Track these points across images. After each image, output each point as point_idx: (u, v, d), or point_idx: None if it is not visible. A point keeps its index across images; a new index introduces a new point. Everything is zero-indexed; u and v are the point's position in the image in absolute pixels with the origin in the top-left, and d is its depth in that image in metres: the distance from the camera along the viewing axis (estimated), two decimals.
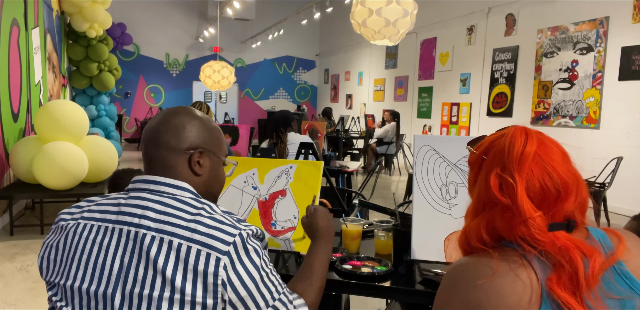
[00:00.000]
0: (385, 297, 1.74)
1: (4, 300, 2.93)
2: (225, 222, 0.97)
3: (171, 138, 1.04)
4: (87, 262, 0.96)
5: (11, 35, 4.91)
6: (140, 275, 0.92)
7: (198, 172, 1.05)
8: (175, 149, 1.04)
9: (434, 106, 9.44)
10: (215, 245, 0.92)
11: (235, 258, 0.93)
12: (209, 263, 0.91)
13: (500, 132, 0.90)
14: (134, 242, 0.94)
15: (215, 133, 1.11)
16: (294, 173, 1.60)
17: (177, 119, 1.06)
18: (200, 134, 1.07)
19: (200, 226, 0.94)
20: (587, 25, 6.16)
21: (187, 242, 0.92)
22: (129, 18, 12.25)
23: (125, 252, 0.94)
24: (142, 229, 0.95)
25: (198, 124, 1.08)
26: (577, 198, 0.83)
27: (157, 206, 0.98)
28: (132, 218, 0.96)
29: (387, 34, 4.27)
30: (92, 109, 7.81)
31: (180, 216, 0.96)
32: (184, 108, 1.10)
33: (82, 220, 1.01)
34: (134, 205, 0.98)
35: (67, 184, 4.32)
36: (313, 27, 14.24)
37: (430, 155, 1.45)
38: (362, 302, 2.84)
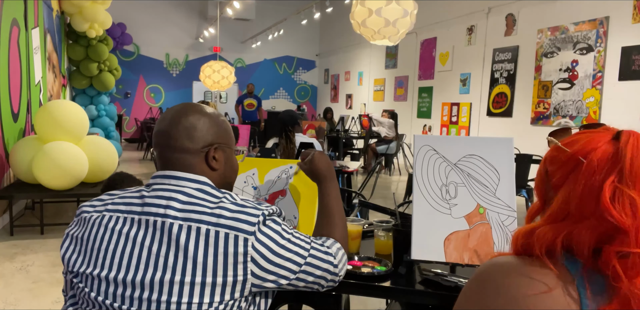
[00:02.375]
0: (385, 297, 1.74)
1: (4, 300, 2.93)
2: (247, 205, 1.02)
3: (185, 141, 1.07)
4: (114, 252, 0.99)
5: (11, 35, 4.91)
6: (170, 262, 0.95)
7: (215, 167, 1.10)
8: (191, 150, 1.08)
9: (434, 106, 9.44)
10: (241, 227, 0.98)
11: (261, 236, 0.99)
12: (238, 244, 0.96)
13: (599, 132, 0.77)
14: (162, 231, 0.98)
15: (224, 125, 1.15)
16: (294, 173, 1.60)
17: (186, 120, 1.08)
18: (211, 130, 1.10)
19: (224, 211, 0.99)
20: (587, 25, 6.16)
21: (215, 227, 0.97)
22: (129, 18, 12.25)
23: (154, 241, 0.98)
24: (169, 219, 0.98)
25: (207, 120, 1.11)
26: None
27: (180, 196, 1.02)
28: (157, 209, 1.00)
29: (387, 34, 4.27)
30: (92, 109, 7.81)
31: (204, 204, 1.00)
32: (189, 105, 1.12)
33: (106, 213, 1.04)
34: (158, 197, 1.02)
35: (67, 184, 4.32)
36: (313, 27, 14.24)
37: (430, 155, 1.45)
38: (362, 302, 2.84)
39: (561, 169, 0.76)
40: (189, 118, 1.08)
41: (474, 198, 1.40)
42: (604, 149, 0.72)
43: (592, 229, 0.69)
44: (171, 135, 1.07)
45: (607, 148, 0.72)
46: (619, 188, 0.69)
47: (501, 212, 1.38)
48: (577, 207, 0.71)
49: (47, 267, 3.50)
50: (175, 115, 1.09)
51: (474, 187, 1.41)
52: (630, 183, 0.69)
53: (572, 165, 0.75)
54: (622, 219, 0.67)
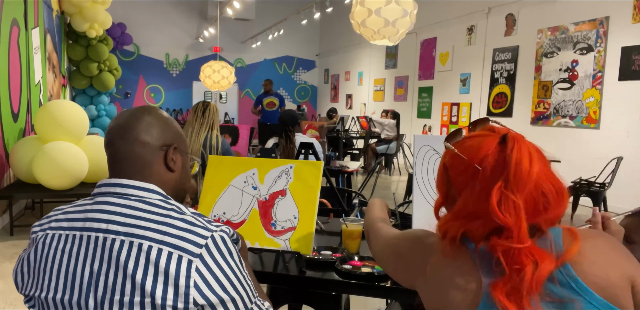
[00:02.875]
0: (385, 297, 1.74)
1: (4, 300, 2.93)
2: (197, 223, 0.95)
3: (146, 135, 1.04)
4: (58, 272, 0.96)
5: (11, 35, 4.91)
6: (110, 281, 0.91)
7: (173, 168, 1.06)
8: (151, 145, 1.04)
9: (434, 106, 9.45)
10: (187, 247, 0.91)
11: (209, 260, 0.91)
12: (181, 265, 0.90)
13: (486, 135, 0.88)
14: (103, 248, 0.93)
15: (181, 131, 1.13)
16: (294, 173, 1.60)
17: (147, 117, 1.06)
18: (171, 131, 1.09)
19: (171, 228, 0.93)
20: (587, 25, 6.16)
21: (158, 245, 0.91)
22: (129, 18, 12.25)
23: (95, 259, 0.93)
24: (111, 234, 0.93)
25: (167, 122, 1.09)
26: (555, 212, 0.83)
27: (124, 210, 0.96)
28: (99, 224, 0.95)
29: (387, 34, 4.27)
30: (92, 109, 7.82)
31: (150, 219, 0.94)
32: (148, 106, 1.11)
33: (49, 231, 0.99)
34: (101, 211, 0.97)
35: (67, 184, 4.32)
36: (313, 27, 14.24)
37: (430, 155, 1.45)
38: (362, 302, 2.83)
39: (462, 176, 0.88)
40: (150, 115, 1.07)
41: None
42: (494, 157, 0.83)
43: (485, 226, 0.82)
44: (132, 127, 1.03)
45: (496, 155, 0.83)
46: (504, 193, 0.80)
47: None
48: (474, 208, 0.84)
49: None
50: (136, 111, 1.07)
51: None
52: (514, 187, 0.80)
53: (470, 173, 0.86)
54: (506, 219, 0.79)
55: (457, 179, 0.89)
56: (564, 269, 0.79)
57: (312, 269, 1.45)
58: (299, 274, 1.43)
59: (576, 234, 0.84)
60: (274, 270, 1.46)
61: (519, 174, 0.80)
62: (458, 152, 0.89)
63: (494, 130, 0.90)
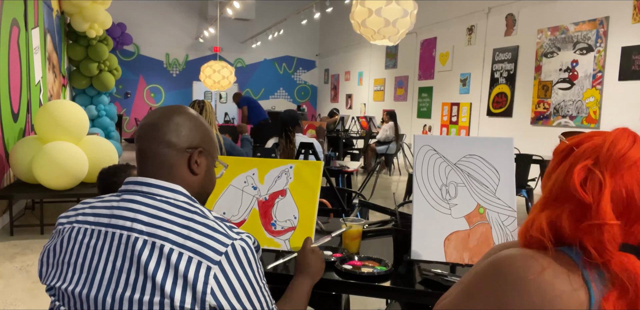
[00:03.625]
0: (385, 297, 1.74)
1: (4, 300, 2.93)
2: (219, 230, 0.96)
3: (173, 135, 1.03)
4: (82, 266, 0.97)
5: (11, 35, 4.91)
6: (131, 279, 0.92)
7: (196, 171, 1.06)
8: (177, 147, 1.04)
9: (434, 106, 9.44)
10: (207, 253, 0.92)
11: (227, 268, 0.92)
12: (200, 271, 0.90)
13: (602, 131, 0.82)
14: (126, 245, 0.94)
15: (211, 134, 1.12)
16: (294, 173, 1.60)
17: (178, 117, 1.05)
18: (199, 133, 1.07)
19: (192, 233, 0.94)
20: (587, 25, 6.16)
21: (179, 248, 0.92)
22: (129, 18, 12.25)
23: (118, 256, 0.94)
24: (135, 233, 0.94)
25: (197, 123, 1.08)
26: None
27: (149, 210, 0.97)
28: (124, 221, 0.96)
29: (387, 34, 4.27)
30: (92, 109, 7.82)
31: (173, 221, 0.95)
32: (181, 107, 1.10)
33: (76, 224, 1.01)
34: (126, 208, 0.98)
35: (67, 184, 4.32)
36: (313, 27, 14.24)
37: (430, 155, 1.45)
38: (362, 302, 2.83)
39: (556, 157, 0.82)
40: (181, 116, 1.06)
41: (474, 198, 1.40)
42: (595, 140, 0.78)
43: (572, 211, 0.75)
44: (159, 128, 1.03)
45: (597, 139, 0.78)
46: (591, 170, 0.74)
47: (501, 212, 1.38)
48: (561, 188, 0.77)
49: None
50: (168, 111, 1.07)
51: (474, 187, 1.41)
52: (603, 166, 0.74)
53: (565, 154, 0.80)
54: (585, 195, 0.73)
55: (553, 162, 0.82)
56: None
57: None
58: None
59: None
60: (274, 270, 1.46)
61: (611, 152, 0.74)
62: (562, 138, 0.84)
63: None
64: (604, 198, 0.72)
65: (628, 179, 0.73)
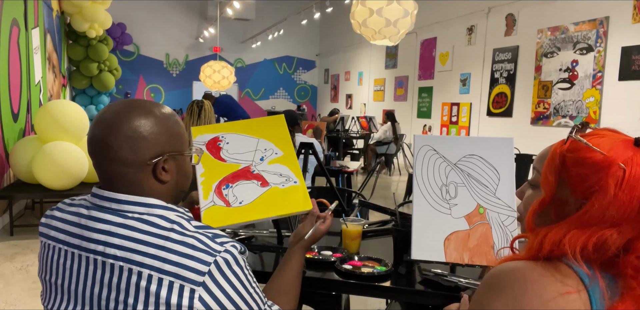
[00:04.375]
0: (385, 297, 1.74)
1: (4, 300, 2.93)
2: (198, 247, 0.87)
3: (127, 153, 0.90)
4: (62, 288, 0.94)
5: (11, 35, 4.91)
6: (111, 307, 0.87)
7: (165, 180, 0.95)
8: (136, 164, 0.91)
9: (434, 106, 9.44)
10: (188, 276, 0.84)
11: (212, 287, 0.85)
12: (183, 295, 0.83)
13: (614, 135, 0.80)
14: (102, 271, 0.88)
15: (175, 127, 0.97)
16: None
17: (128, 127, 0.90)
18: (161, 137, 0.93)
19: (171, 254, 0.85)
20: (587, 25, 6.16)
21: (158, 274, 0.84)
22: (129, 18, 12.25)
23: (95, 282, 0.88)
24: (109, 259, 0.87)
25: (154, 125, 0.93)
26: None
27: (121, 231, 0.88)
28: (96, 245, 0.88)
29: (387, 34, 4.27)
30: (92, 109, 7.82)
31: (149, 242, 0.87)
32: (131, 106, 0.93)
33: (50, 242, 0.96)
34: (97, 230, 0.89)
35: (67, 184, 4.32)
36: (313, 27, 14.24)
37: (430, 155, 1.45)
38: (362, 302, 2.83)
39: (595, 175, 0.75)
40: (132, 124, 0.90)
41: (474, 198, 1.40)
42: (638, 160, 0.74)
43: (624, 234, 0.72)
44: (110, 145, 0.89)
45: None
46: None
47: (501, 212, 1.38)
48: (617, 213, 0.72)
49: None
50: (115, 119, 0.90)
51: (474, 187, 1.41)
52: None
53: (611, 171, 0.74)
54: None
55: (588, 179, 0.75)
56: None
57: (312, 269, 1.45)
58: None
59: None
60: (274, 270, 1.46)
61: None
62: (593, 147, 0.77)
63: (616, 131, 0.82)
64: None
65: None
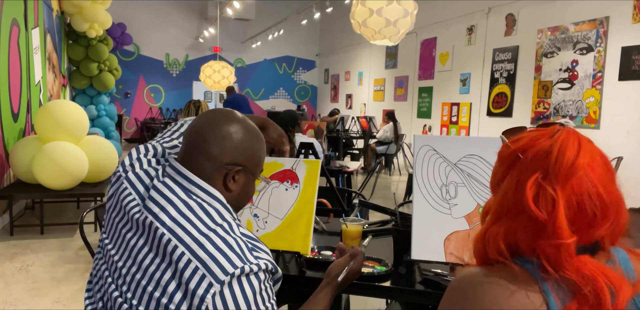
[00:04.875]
0: (385, 297, 1.74)
1: (4, 300, 2.93)
2: (235, 249, 0.91)
3: (215, 148, 1.00)
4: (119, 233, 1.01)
5: (11, 35, 4.91)
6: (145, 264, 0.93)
7: (231, 188, 1.02)
8: (216, 161, 1.00)
9: (434, 106, 9.44)
10: (213, 269, 0.87)
11: (227, 290, 0.87)
12: (201, 285, 0.86)
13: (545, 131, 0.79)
14: (149, 230, 0.95)
15: (259, 149, 1.06)
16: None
17: (227, 128, 1.01)
18: (245, 149, 1.02)
19: (208, 243, 0.90)
20: (587, 25, 6.16)
21: (190, 255, 0.89)
22: (129, 18, 12.25)
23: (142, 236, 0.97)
24: (158, 222, 0.94)
25: (248, 139, 1.03)
26: (613, 225, 0.74)
27: (180, 204, 0.96)
28: (154, 206, 0.96)
29: (387, 34, 4.27)
30: (92, 109, 7.82)
31: (196, 225, 0.93)
32: (238, 116, 1.05)
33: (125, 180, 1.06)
34: (161, 194, 0.98)
35: (67, 184, 4.32)
36: (313, 27, 14.24)
37: (430, 155, 1.45)
38: (362, 302, 2.83)
39: (503, 165, 0.79)
40: (231, 127, 1.01)
41: (474, 198, 1.40)
42: (541, 146, 0.75)
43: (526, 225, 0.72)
44: (204, 135, 1.00)
45: (542, 143, 0.75)
46: (542, 185, 0.72)
47: None
48: (512, 202, 0.74)
49: (47, 267, 3.50)
50: (219, 118, 1.02)
51: (474, 187, 1.41)
52: (553, 179, 0.72)
53: (511, 161, 0.77)
54: (540, 213, 0.70)
55: (499, 168, 0.80)
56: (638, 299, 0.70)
57: (312, 269, 1.45)
58: (299, 274, 1.43)
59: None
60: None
61: (560, 163, 0.72)
62: (505, 140, 0.81)
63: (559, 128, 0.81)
64: (559, 215, 0.70)
65: (578, 189, 0.72)
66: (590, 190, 0.72)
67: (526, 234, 0.73)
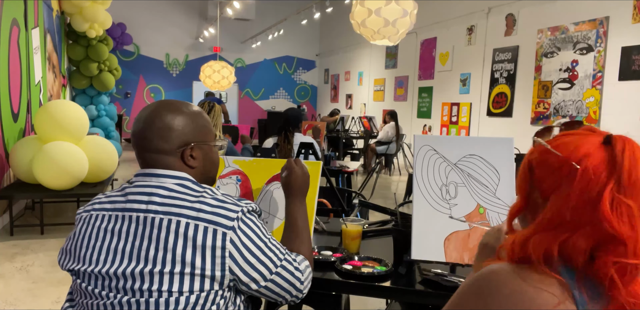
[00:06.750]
0: (385, 297, 1.74)
1: (4, 300, 2.93)
2: (227, 201, 1.06)
3: (159, 142, 1.09)
4: (100, 248, 1.04)
5: (11, 35, 4.91)
6: (151, 255, 1.00)
7: (193, 165, 1.13)
8: (167, 151, 1.10)
9: (434, 106, 9.44)
10: (220, 221, 1.01)
11: (239, 232, 1.03)
12: (217, 238, 1.00)
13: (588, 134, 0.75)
14: (144, 225, 1.02)
15: (200, 121, 1.15)
16: None
17: (160, 121, 1.09)
18: (187, 129, 1.11)
19: (204, 206, 1.03)
20: (587, 25, 6.16)
21: (194, 221, 1.01)
22: (129, 18, 12.25)
23: (136, 236, 1.02)
24: (151, 213, 1.03)
25: (182, 119, 1.11)
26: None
27: (162, 191, 1.05)
28: (139, 205, 1.04)
29: (387, 34, 4.27)
30: (92, 109, 7.81)
31: (185, 199, 1.04)
32: (163, 104, 1.13)
33: (93, 212, 1.10)
34: (140, 193, 1.06)
35: (67, 184, 4.32)
36: (313, 27, 14.24)
37: (430, 155, 1.45)
38: (362, 302, 2.83)
39: (553, 175, 0.74)
40: (163, 118, 1.10)
41: (474, 198, 1.40)
42: (599, 156, 0.71)
43: (588, 237, 0.68)
44: (146, 137, 1.09)
45: (601, 154, 0.71)
46: (617, 197, 0.67)
47: (501, 212, 1.38)
48: (572, 215, 0.70)
49: (47, 267, 3.50)
50: (149, 115, 1.10)
51: (474, 187, 1.41)
52: (628, 193, 0.68)
53: (565, 172, 0.72)
54: (621, 229, 0.66)
55: (546, 180, 0.75)
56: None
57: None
58: None
59: None
60: None
61: (635, 176, 0.68)
62: (551, 148, 0.75)
63: (594, 131, 0.77)
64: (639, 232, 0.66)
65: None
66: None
67: (586, 245, 0.68)
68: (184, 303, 0.98)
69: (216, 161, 1.21)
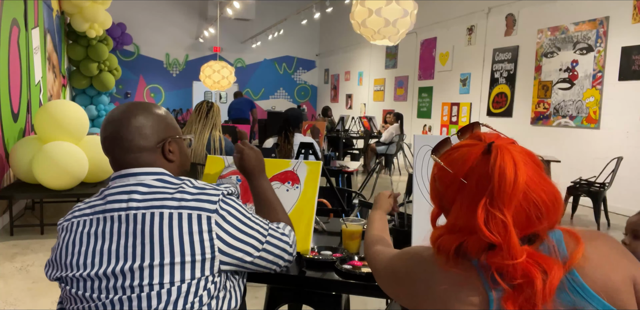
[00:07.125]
0: (385, 297, 1.74)
1: (4, 300, 2.93)
2: (207, 187, 1.09)
3: (141, 140, 1.11)
4: (85, 252, 1.03)
5: (11, 35, 4.91)
6: (138, 250, 1.00)
7: (172, 159, 1.16)
8: (148, 148, 1.12)
9: (434, 106, 9.45)
10: (203, 206, 1.03)
11: (223, 212, 1.06)
12: (202, 222, 1.02)
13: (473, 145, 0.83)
14: (126, 223, 1.02)
15: (169, 116, 1.20)
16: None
17: (135, 120, 1.12)
18: (161, 125, 1.15)
19: (185, 195, 1.05)
20: (587, 25, 6.16)
21: (177, 210, 1.02)
22: (129, 18, 12.25)
23: (120, 234, 1.02)
24: (132, 210, 1.03)
25: (155, 116, 1.15)
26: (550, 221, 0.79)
27: (141, 188, 1.06)
28: (119, 204, 1.05)
29: (387, 34, 4.27)
30: (92, 109, 7.82)
31: (165, 191, 1.06)
32: (133, 105, 1.15)
33: (74, 219, 1.09)
34: (120, 193, 1.06)
35: (67, 184, 4.32)
36: (313, 27, 14.24)
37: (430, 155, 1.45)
38: (362, 302, 2.83)
39: (449, 189, 0.84)
40: (138, 118, 1.12)
41: None
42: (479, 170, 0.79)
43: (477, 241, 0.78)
44: (123, 137, 1.10)
45: (480, 167, 0.79)
46: (490, 211, 0.76)
47: None
48: (465, 223, 0.79)
49: None
50: (123, 116, 1.12)
51: None
52: (500, 203, 0.76)
53: (456, 186, 0.82)
54: (493, 237, 0.75)
55: (446, 192, 0.85)
56: (570, 275, 0.76)
57: (312, 269, 1.45)
58: (299, 274, 1.43)
59: (578, 236, 0.80)
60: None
61: (503, 188, 0.75)
62: (444, 165, 0.84)
63: (481, 139, 0.85)
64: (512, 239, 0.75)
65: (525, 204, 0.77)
66: (535, 200, 0.77)
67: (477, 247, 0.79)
68: (176, 293, 0.99)
69: (189, 154, 1.26)
